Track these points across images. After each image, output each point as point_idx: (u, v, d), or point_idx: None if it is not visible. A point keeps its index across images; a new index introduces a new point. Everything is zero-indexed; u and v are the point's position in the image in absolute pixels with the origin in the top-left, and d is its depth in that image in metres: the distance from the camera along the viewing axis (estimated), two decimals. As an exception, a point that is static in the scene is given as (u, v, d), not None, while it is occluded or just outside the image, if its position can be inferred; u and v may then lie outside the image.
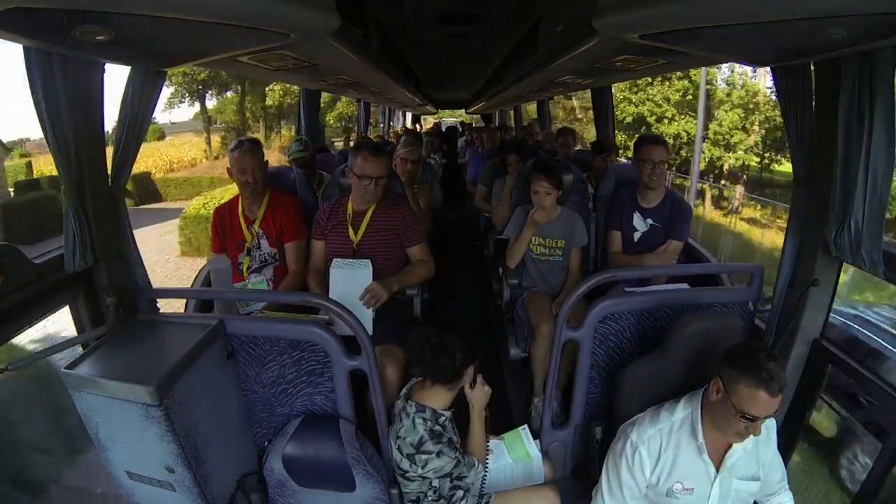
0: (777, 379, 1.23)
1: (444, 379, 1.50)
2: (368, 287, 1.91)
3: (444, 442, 1.49)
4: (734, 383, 1.27)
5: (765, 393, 1.23)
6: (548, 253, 2.43)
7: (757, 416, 1.26)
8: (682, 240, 2.35)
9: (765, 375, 1.23)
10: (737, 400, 1.26)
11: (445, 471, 1.51)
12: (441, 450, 1.48)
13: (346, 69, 2.76)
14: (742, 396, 1.26)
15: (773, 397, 1.24)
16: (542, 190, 2.32)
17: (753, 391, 1.24)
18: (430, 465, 1.49)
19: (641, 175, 2.32)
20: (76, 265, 1.53)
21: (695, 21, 1.18)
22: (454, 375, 1.50)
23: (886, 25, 1.03)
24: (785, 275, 1.80)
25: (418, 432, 1.49)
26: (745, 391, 1.25)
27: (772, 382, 1.23)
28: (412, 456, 1.49)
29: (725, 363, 1.30)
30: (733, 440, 1.35)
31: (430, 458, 1.48)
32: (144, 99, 1.60)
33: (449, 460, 1.49)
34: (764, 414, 1.26)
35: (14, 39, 1.07)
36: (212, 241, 2.37)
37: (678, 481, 1.40)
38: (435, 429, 1.50)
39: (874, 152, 1.35)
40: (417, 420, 1.51)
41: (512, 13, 3.10)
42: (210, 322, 1.63)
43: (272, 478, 1.73)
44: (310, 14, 1.27)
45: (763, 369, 1.23)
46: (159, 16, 1.06)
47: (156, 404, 1.36)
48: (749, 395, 1.25)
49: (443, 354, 1.46)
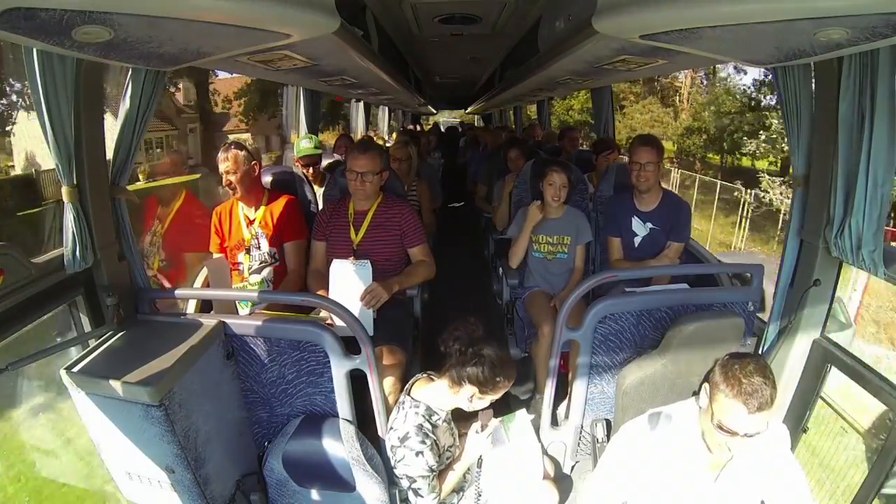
0: (758, 395, 1.15)
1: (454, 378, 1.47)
2: (369, 287, 1.91)
3: (428, 444, 1.47)
4: (716, 391, 1.22)
5: (742, 407, 1.16)
6: (554, 250, 2.43)
7: (734, 430, 1.19)
8: (682, 241, 2.32)
9: (746, 388, 1.16)
10: (717, 408, 1.22)
11: (412, 473, 1.49)
12: (422, 450, 1.46)
13: (346, 69, 2.76)
14: (721, 406, 1.20)
15: (751, 414, 1.16)
16: (559, 181, 2.33)
17: (731, 402, 1.18)
18: (404, 460, 1.48)
19: (631, 177, 2.30)
20: (76, 265, 1.53)
21: (695, 21, 1.18)
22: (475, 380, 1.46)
23: (886, 25, 1.03)
24: (785, 275, 1.80)
25: (407, 426, 1.49)
26: (724, 402, 1.20)
27: (751, 398, 1.15)
28: (394, 448, 1.49)
29: (716, 369, 1.25)
30: (716, 451, 1.29)
31: (407, 454, 1.47)
32: (144, 99, 1.60)
33: (423, 466, 1.47)
34: (743, 431, 1.19)
35: (14, 39, 1.06)
36: (211, 241, 2.37)
37: (672, 488, 1.39)
38: (425, 426, 1.49)
39: (874, 152, 1.35)
40: (410, 413, 1.50)
41: (512, 13, 3.10)
42: (210, 322, 1.63)
43: (272, 478, 1.73)
44: (310, 14, 1.27)
45: (746, 382, 1.16)
46: (159, 16, 1.05)
47: (155, 404, 1.36)
48: (727, 407, 1.19)
49: (487, 345, 1.45)
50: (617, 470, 1.46)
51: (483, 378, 1.45)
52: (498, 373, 1.46)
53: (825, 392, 1.72)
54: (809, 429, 1.75)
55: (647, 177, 2.24)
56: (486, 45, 4.18)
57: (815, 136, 1.63)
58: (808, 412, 1.74)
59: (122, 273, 1.71)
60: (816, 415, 1.75)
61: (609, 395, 1.88)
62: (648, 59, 2.12)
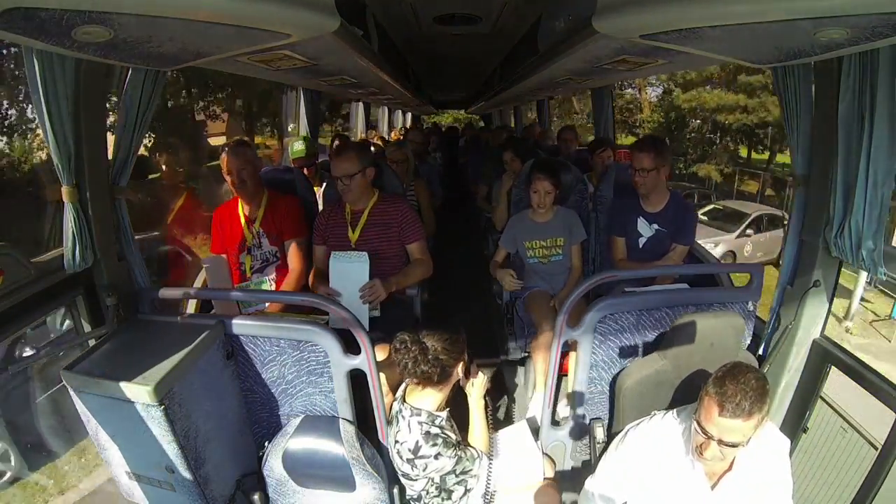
0: (734, 400, 1.13)
1: (431, 382, 1.49)
2: (369, 283, 1.93)
3: (439, 444, 1.48)
4: (704, 391, 1.20)
5: (716, 407, 1.15)
6: (549, 253, 2.43)
7: (709, 433, 1.17)
8: (687, 245, 2.30)
9: (728, 391, 1.14)
10: (699, 407, 1.21)
11: (447, 469, 1.51)
12: (438, 452, 1.48)
13: (346, 69, 2.76)
14: (703, 405, 1.19)
15: (722, 416, 1.14)
16: (542, 189, 2.32)
17: (711, 402, 1.16)
18: (430, 467, 1.49)
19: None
20: (76, 265, 1.53)
21: (694, 21, 1.18)
22: (441, 377, 1.48)
23: (886, 25, 1.03)
24: (785, 275, 1.80)
25: (414, 436, 1.49)
26: (705, 400, 1.18)
27: (727, 400, 1.13)
28: (412, 461, 1.49)
29: (715, 372, 1.23)
30: (696, 456, 1.27)
31: (429, 462, 1.48)
32: (144, 99, 1.60)
33: (448, 460, 1.49)
34: (718, 436, 1.16)
35: (14, 39, 1.07)
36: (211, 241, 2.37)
37: (670, 494, 1.38)
38: (431, 431, 1.50)
39: (874, 152, 1.35)
40: (413, 423, 1.50)
41: (512, 13, 3.10)
42: (210, 322, 1.64)
43: (272, 478, 1.73)
44: (310, 14, 1.27)
45: (730, 385, 1.14)
46: (159, 16, 1.06)
47: (156, 404, 1.36)
48: (707, 406, 1.17)
49: (423, 361, 1.43)
50: (617, 471, 1.46)
51: (455, 352, 1.48)
52: (454, 337, 1.48)
53: (825, 392, 1.73)
54: (809, 429, 1.75)
55: (644, 182, 2.21)
56: (486, 45, 4.18)
57: (815, 136, 1.63)
58: (808, 412, 1.75)
59: (122, 273, 1.71)
60: (816, 415, 1.75)
61: (609, 396, 1.88)
62: (648, 59, 2.12)
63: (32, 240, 4.75)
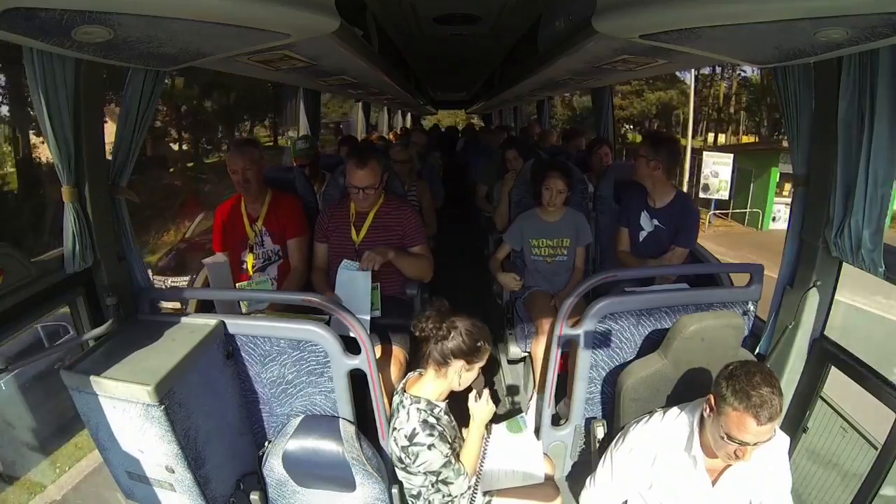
0: (768, 406, 1.16)
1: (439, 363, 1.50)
2: (364, 255, 1.99)
3: (436, 435, 1.47)
4: (724, 403, 1.21)
5: (752, 420, 1.17)
6: (554, 253, 2.44)
7: (744, 441, 1.19)
8: (687, 247, 2.30)
9: (755, 401, 1.16)
10: (724, 421, 1.21)
11: (433, 467, 1.49)
12: (433, 443, 1.46)
13: (346, 69, 2.77)
14: (730, 419, 1.20)
15: (761, 425, 1.17)
16: (555, 187, 2.33)
17: (741, 415, 1.18)
18: (420, 457, 1.47)
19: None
20: (76, 265, 1.53)
21: (694, 21, 1.18)
22: (463, 354, 1.49)
23: (886, 25, 1.03)
24: (785, 275, 1.80)
25: (412, 423, 1.49)
26: (733, 414, 1.19)
27: (761, 409, 1.16)
28: (406, 448, 1.48)
29: (721, 380, 1.24)
30: (724, 460, 1.30)
31: (421, 451, 1.47)
32: (144, 99, 1.60)
33: (440, 456, 1.48)
34: (753, 441, 1.19)
35: (14, 39, 1.07)
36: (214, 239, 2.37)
37: (672, 492, 1.38)
38: (429, 420, 1.49)
39: (874, 152, 1.34)
40: (412, 410, 1.50)
41: (512, 13, 3.10)
42: (210, 322, 1.63)
43: (272, 478, 1.73)
44: (310, 14, 1.27)
45: (754, 394, 1.16)
46: (159, 16, 1.06)
47: (155, 404, 1.36)
48: (736, 419, 1.19)
49: (448, 328, 1.47)
50: (617, 470, 1.46)
51: (466, 347, 1.47)
52: (477, 337, 1.49)
53: (825, 392, 1.73)
54: (809, 429, 1.75)
55: (636, 166, 2.30)
56: (486, 45, 4.18)
57: (815, 136, 1.62)
58: (808, 412, 1.74)
59: (121, 273, 1.71)
60: (816, 414, 1.75)
61: (609, 395, 1.88)
62: (648, 59, 2.13)
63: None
